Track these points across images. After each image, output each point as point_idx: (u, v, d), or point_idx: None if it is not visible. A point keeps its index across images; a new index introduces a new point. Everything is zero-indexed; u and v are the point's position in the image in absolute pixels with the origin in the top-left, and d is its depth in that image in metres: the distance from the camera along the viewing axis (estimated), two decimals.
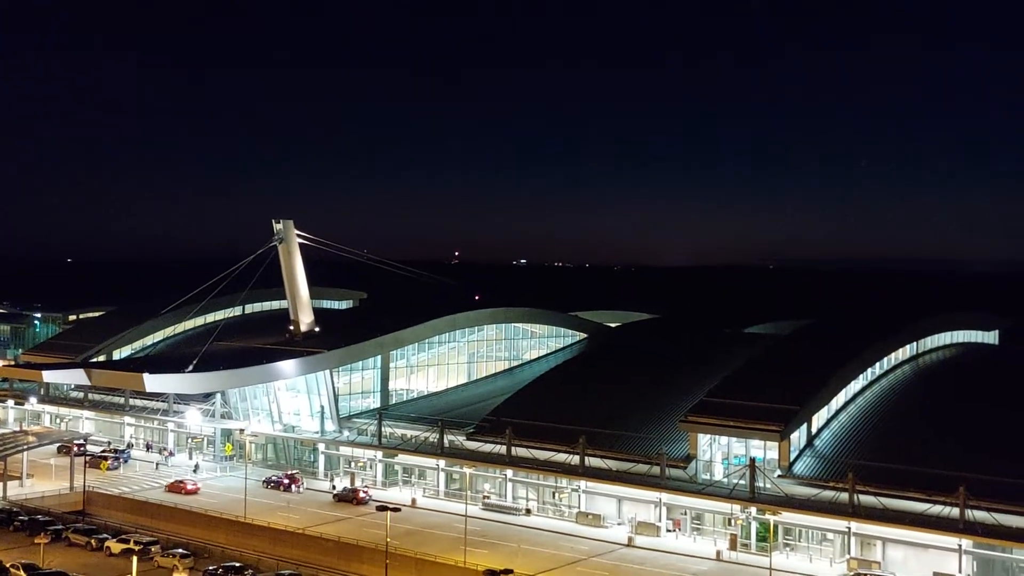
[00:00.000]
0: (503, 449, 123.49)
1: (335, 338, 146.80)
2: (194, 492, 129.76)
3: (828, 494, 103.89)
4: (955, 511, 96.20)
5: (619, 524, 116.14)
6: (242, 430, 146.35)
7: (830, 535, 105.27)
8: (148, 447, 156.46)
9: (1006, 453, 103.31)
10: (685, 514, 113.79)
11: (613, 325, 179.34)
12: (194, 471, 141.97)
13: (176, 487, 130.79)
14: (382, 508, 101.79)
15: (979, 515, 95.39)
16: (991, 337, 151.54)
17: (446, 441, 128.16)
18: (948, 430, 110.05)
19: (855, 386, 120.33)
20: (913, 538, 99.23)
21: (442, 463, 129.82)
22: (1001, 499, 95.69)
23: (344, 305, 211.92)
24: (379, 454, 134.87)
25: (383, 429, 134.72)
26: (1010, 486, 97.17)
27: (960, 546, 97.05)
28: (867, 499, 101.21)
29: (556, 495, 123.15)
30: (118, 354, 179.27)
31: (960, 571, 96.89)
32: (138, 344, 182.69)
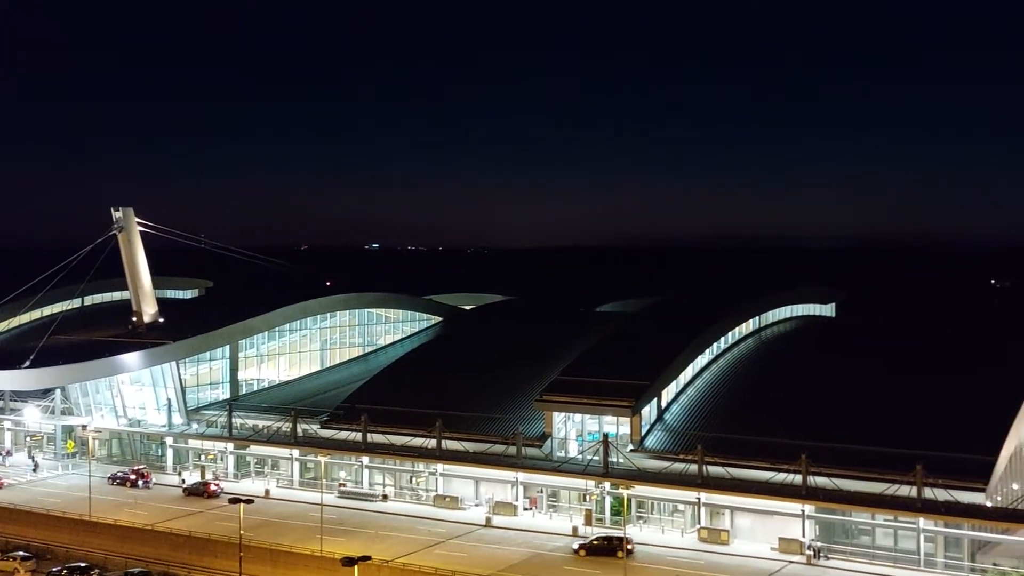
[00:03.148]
0: (358, 436, 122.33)
1: (181, 328, 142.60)
2: None
3: (679, 466, 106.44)
4: (798, 478, 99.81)
5: (477, 505, 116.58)
6: (84, 426, 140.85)
7: (681, 506, 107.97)
8: None
9: (843, 420, 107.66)
10: (541, 492, 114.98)
11: (468, 308, 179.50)
12: (34, 471, 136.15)
13: None
14: (234, 500, 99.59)
15: (820, 481, 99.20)
16: (828, 310, 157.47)
17: (299, 430, 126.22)
18: (790, 400, 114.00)
19: (702, 360, 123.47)
20: (759, 506, 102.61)
21: (296, 452, 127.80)
22: (840, 465, 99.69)
23: (189, 294, 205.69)
24: (230, 446, 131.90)
25: (234, 420, 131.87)
26: (848, 451, 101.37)
27: (803, 511, 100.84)
28: (715, 470, 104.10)
29: (413, 479, 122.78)
30: None
31: (804, 535, 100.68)
32: None
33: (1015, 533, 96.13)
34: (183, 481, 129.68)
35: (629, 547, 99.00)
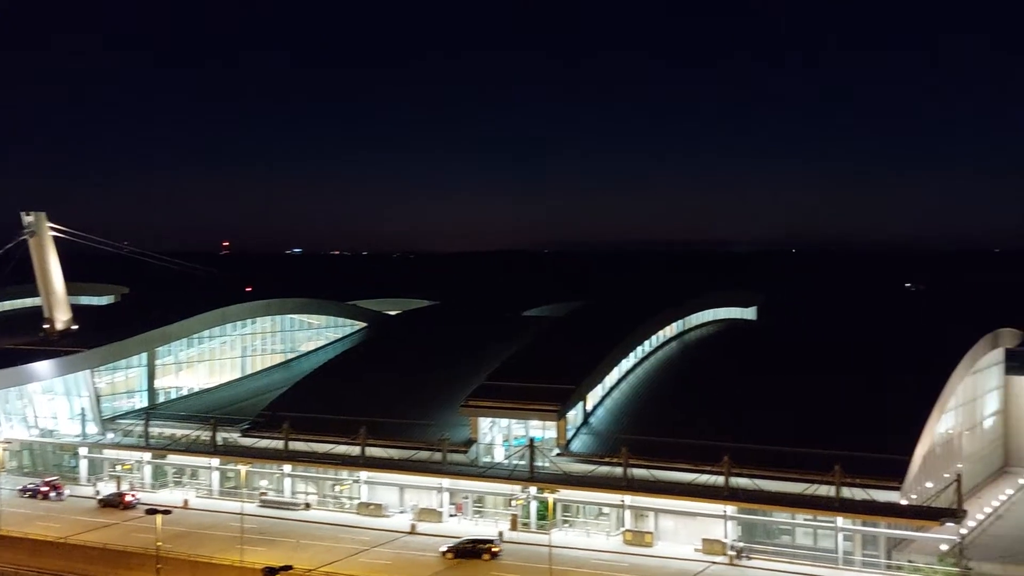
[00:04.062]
0: (280, 444, 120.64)
1: (95, 336, 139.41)
2: None
3: (604, 469, 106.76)
4: (721, 479, 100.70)
5: (401, 512, 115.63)
6: None
7: (606, 509, 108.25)
8: None
9: (765, 421, 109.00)
10: (467, 498, 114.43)
11: (392, 313, 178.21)
12: None
13: None
14: (152, 511, 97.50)
15: (742, 482, 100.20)
16: (749, 313, 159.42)
17: (219, 439, 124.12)
18: (712, 402, 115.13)
19: (627, 364, 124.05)
20: (683, 507, 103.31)
21: (215, 462, 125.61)
22: (761, 465, 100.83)
23: (104, 301, 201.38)
24: (147, 456, 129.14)
25: (151, 429, 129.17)
26: (769, 453, 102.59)
27: (725, 512, 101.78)
28: (640, 472, 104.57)
29: (337, 488, 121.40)
30: None
31: (726, 536, 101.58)
32: None
33: (929, 530, 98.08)
34: (98, 493, 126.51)
35: (495, 550, 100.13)
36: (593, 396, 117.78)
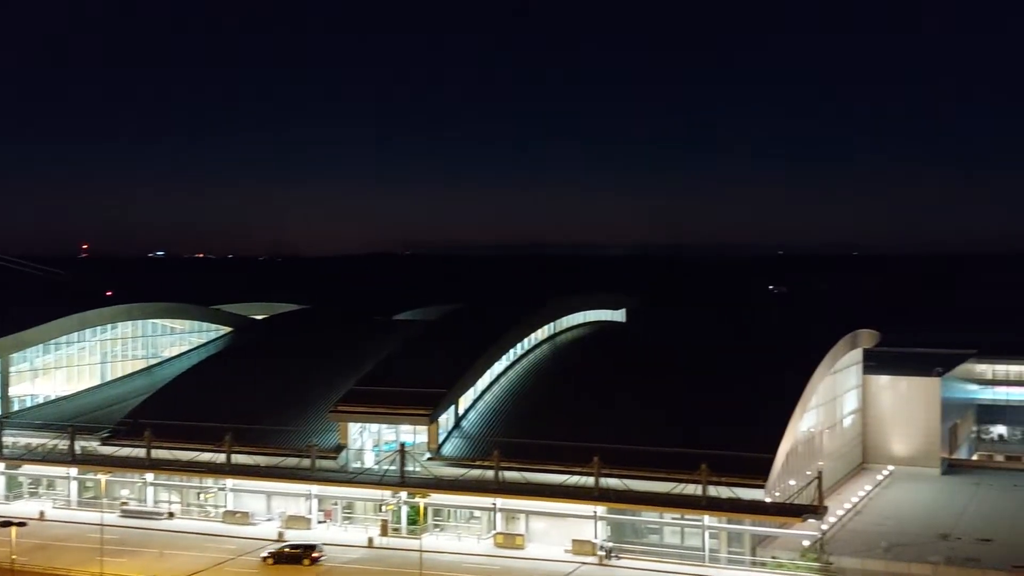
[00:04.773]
0: (142, 452, 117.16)
1: None
2: None
3: (475, 473, 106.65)
4: (591, 480, 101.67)
5: (269, 520, 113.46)
6: None
7: (478, 512, 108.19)
8: None
9: (634, 422, 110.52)
10: (336, 504, 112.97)
11: (260, 317, 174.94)
12: None
13: None
14: (5, 524, 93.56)
15: (612, 482, 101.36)
16: (619, 315, 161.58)
17: (78, 447, 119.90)
18: (583, 403, 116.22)
19: (499, 367, 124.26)
20: (554, 509, 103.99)
21: (74, 471, 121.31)
22: (630, 466, 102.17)
23: None
24: (0, 466, 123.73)
25: (5, 439, 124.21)
26: (638, 453, 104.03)
27: (595, 513, 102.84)
28: (511, 475, 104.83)
29: (202, 496, 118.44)
30: None
31: (596, 537, 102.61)
32: None
33: (792, 527, 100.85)
34: None
35: (316, 555, 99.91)
36: (465, 400, 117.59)
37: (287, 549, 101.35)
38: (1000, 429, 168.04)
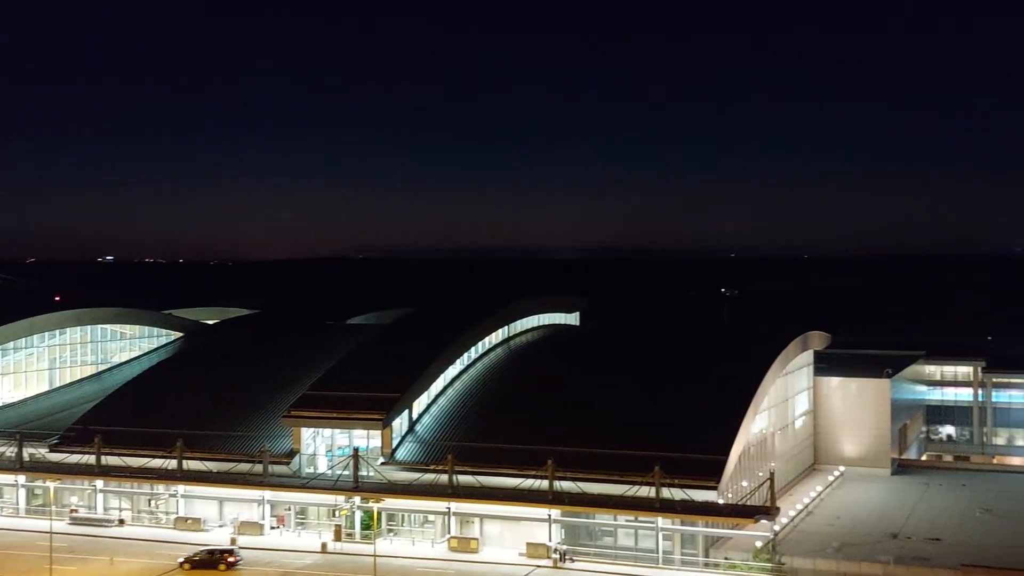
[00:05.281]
0: (92, 459, 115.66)
1: None
2: None
3: (429, 477, 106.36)
4: (545, 483, 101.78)
5: (221, 526, 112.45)
6: None
7: (432, 517, 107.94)
8: None
9: (588, 424, 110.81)
10: (289, 510, 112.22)
11: (211, 322, 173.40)
12: None
13: None
14: None
15: (566, 485, 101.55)
16: (572, 318, 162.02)
17: (26, 454, 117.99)
18: (537, 406, 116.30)
19: (453, 371, 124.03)
20: (508, 512, 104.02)
21: (22, 479, 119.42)
22: (584, 468, 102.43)
23: None
24: None
25: None
26: (592, 455, 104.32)
27: (550, 516, 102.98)
28: (465, 479, 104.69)
29: (153, 502, 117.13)
30: None
31: (550, 540, 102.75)
32: None
33: (744, 528, 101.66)
34: None
35: (232, 560, 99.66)
36: (419, 404, 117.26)
37: (203, 554, 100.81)
38: (948, 429, 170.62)
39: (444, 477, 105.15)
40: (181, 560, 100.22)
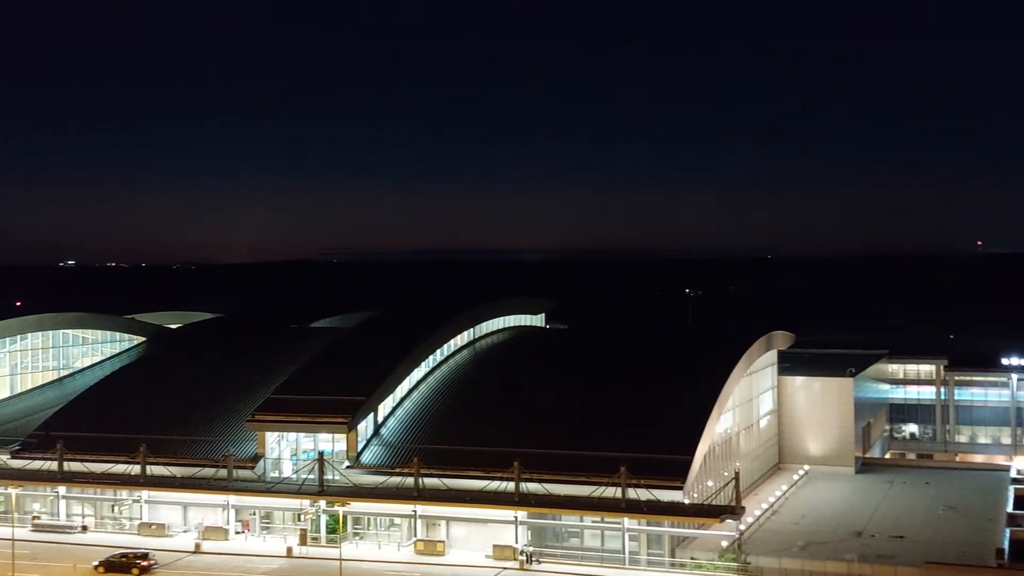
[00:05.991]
0: (54, 465, 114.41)
1: None
2: None
3: (395, 480, 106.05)
4: (511, 485, 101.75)
5: (185, 531, 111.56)
6: None
7: (398, 520, 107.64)
8: None
9: (553, 425, 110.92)
10: (254, 514, 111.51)
11: (174, 326, 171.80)
12: None
13: None
14: None
15: (532, 487, 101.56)
16: (538, 320, 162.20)
17: None
18: (503, 408, 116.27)
19: (418, 373, 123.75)
20: (475, 515, 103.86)
21: None
22: (551, 470, 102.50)
23: None
24: None
25: None
26: (558, 457, 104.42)
27: (516, 518, 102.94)
28: (431, 481, 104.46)
29: (116, 508, 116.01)
30: None
31: (517, 541, 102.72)
32: None
33: (710, 527, 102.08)
34: None
35: (146, 564, 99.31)
36: (384, 407, 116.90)
37: (118, 557, 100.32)
38: (911, 428, 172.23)
39: (410, 480, 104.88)
40: (95, 563, 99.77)
